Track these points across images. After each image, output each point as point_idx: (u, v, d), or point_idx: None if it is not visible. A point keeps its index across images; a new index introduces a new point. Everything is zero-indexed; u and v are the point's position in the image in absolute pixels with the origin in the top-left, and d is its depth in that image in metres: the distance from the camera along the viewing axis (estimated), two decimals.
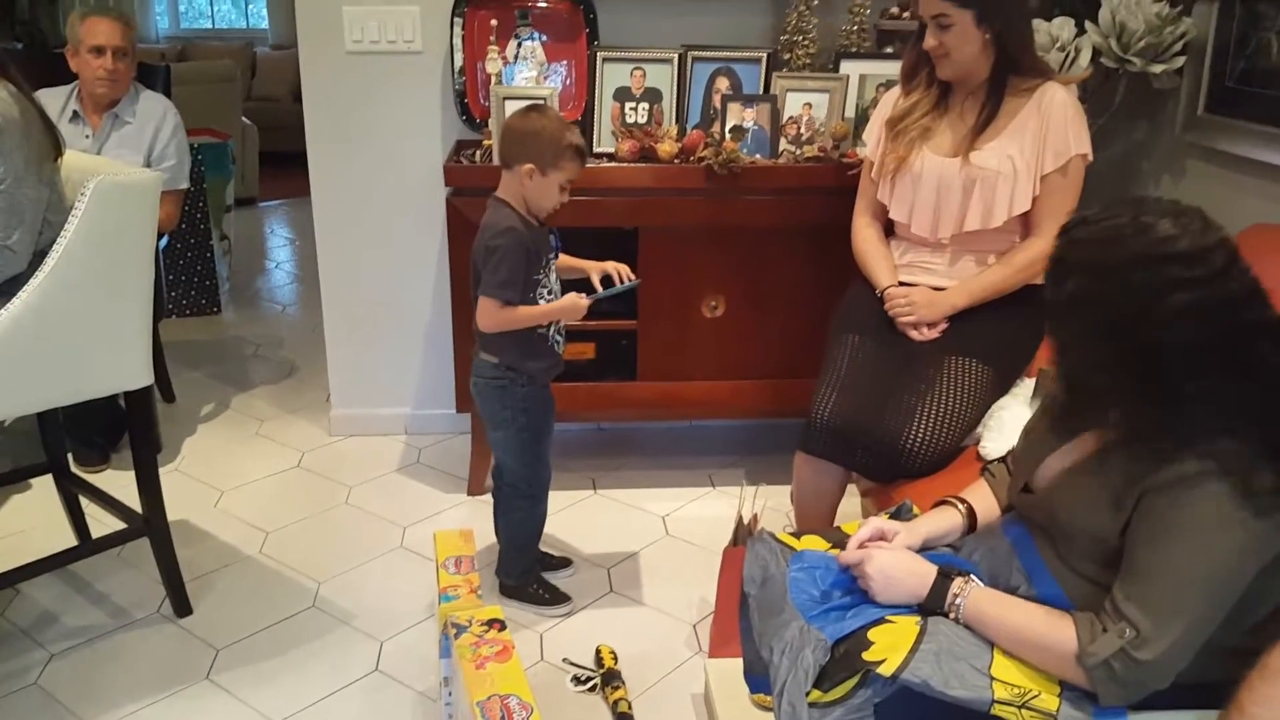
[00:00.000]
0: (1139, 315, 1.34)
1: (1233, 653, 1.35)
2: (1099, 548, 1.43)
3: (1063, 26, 2.84)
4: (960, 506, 1.73)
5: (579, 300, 2.39)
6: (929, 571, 1.54)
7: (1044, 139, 2.35)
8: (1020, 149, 2.37)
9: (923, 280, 2.49)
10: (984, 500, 1.74)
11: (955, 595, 1.50)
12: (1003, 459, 1.77)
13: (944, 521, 1.71)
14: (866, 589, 1.56)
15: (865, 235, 2.62)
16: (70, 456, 2.94)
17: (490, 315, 2.35)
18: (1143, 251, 1.34)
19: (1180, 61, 2.81)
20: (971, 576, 1.53)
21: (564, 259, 2.50)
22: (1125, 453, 1.40)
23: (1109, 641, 1.34)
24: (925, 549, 1.65)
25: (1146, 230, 1.35)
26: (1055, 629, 1.40)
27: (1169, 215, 1.36)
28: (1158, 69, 2.81)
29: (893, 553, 1.58)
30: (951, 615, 1.50)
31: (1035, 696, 1.38)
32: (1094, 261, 1.38)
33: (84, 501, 2.77)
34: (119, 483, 2.88)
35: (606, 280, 2.47)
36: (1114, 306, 1.36)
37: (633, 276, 2.47)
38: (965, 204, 2.41)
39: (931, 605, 1.52)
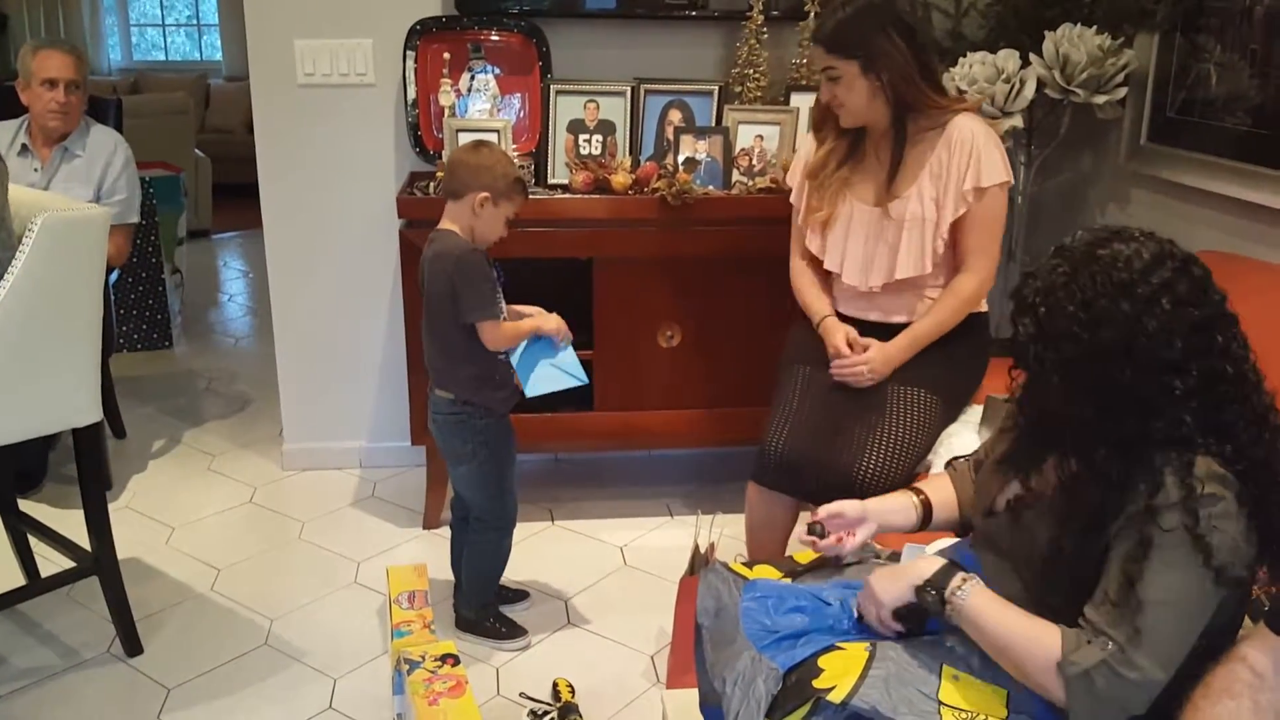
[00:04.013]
0: (1120, 339, 1.34)
1: (1176, 686, 1.35)
2: (1068, 575, 1.43)
3: (1007, 59, 2.89)
4: (916, 497, 1.74)
5: (559, 318, 2.46)
6: (937, 560, 1.53)
7: (958, 174, 2.34)
8: (938, 189, 2.36)
9: (863, 315, 2.50)
10: (943, 493, 1.76)
11: (964, 581, 1.47)
12: (969, 456, 1.78)
13: (894, 503, 1.73)
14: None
15: (803, 273, 2.62)
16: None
17: (494, 333, 2.37)
18: (1117, 281, 1.34)
19: (1122, 92, 2.87)
20: (975, 575, 1.51)
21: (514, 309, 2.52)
22: (1093, 480, 1.41)
23: (1091, 652, 1.33)
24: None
25: (1117, 259, 1.35)
26: (1042, 635, 1.38)
27: (1124, 239, 1.38)
28: (1101, 100, 2.87)
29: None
30: (950, 604, 1.47)
31: None
32: (1069, 299, 1.37)
33: (32, 540, 2.73)
34: (68, 520, 2.84)
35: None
36: (1094, 339, 1.35)
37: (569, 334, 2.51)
38: (895, 252, 2.40)
39: (935, 583, 1.48)
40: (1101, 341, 1.35)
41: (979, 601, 1.45)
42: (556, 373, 2.48)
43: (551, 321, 2.46)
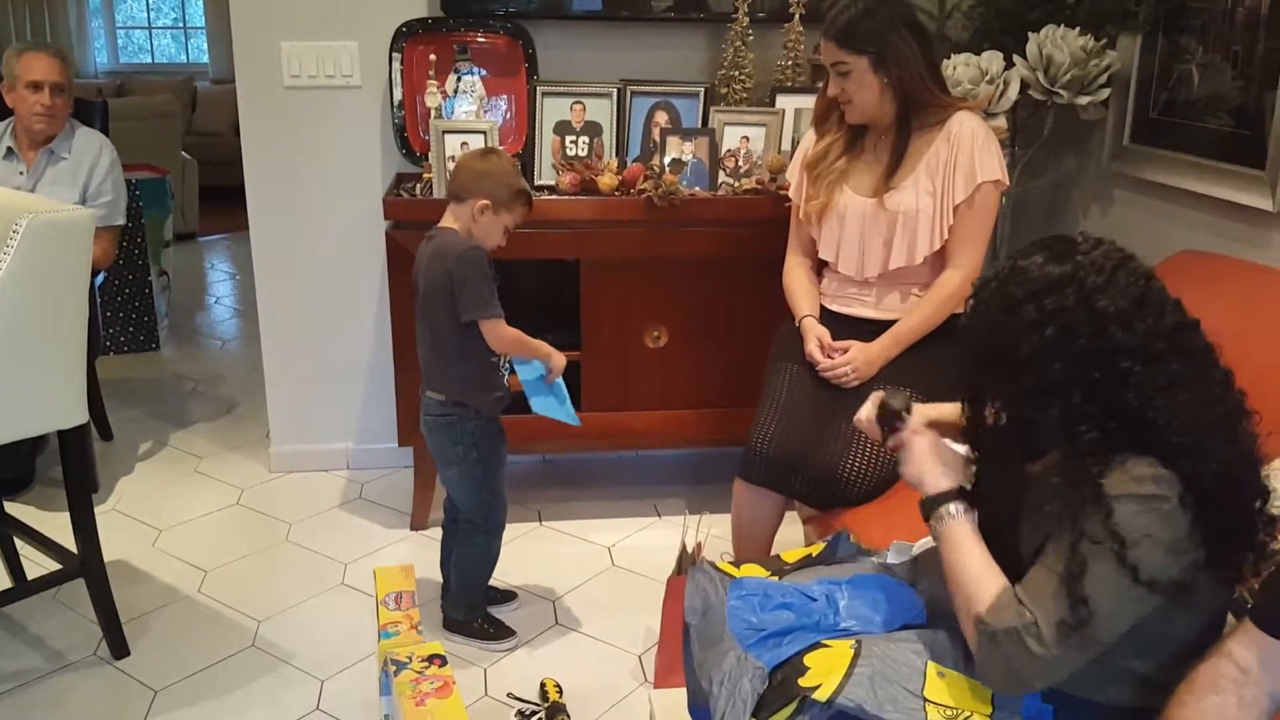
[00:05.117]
0: (1001, 353, 1.39)
1: (1160, 685, 1.36)
2: (1016, 561, 1.45)
3: (991, 60, 2.90)
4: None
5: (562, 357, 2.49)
6: (949, 483, 1.55)
7: (954, 168, 2.37)
8: (936, 183, 2.39)
9: (852, 311, 2.52)
10: None
11: (949, 513, 1.51)
12: None
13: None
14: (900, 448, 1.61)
15: (794, 272, 2.64)
16: None
17: (500, 333, 2.37)
18: (1009, 296, 1.38)
19: (1105, 93, 2.88)
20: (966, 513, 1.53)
21: None
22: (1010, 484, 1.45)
23: (1008, 617, 1.35)
24: None
25: (1023, 272, 1.38)
26: (985, 584, 1.42)
27: (1057, 255, 1.39)
28: (1084, 101, 2.88)
29: (949, 444, 1.63)
30: (932, 524, 1.53)
31: (966, 717, 1.39)
32: (984, 303, 1.43)
33: (18, 542, 2.72)
34: (54, 523, 2.83)
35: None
36: (985, 347, 1.41)
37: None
38: (889, 243, 2.43)
39: (925, 507, 1.55)
40: (989, 351, 1.41)
41: (952, 533, 1.50)
42: (555, 405, 2.52)
43: (560, 359, 2.47)
